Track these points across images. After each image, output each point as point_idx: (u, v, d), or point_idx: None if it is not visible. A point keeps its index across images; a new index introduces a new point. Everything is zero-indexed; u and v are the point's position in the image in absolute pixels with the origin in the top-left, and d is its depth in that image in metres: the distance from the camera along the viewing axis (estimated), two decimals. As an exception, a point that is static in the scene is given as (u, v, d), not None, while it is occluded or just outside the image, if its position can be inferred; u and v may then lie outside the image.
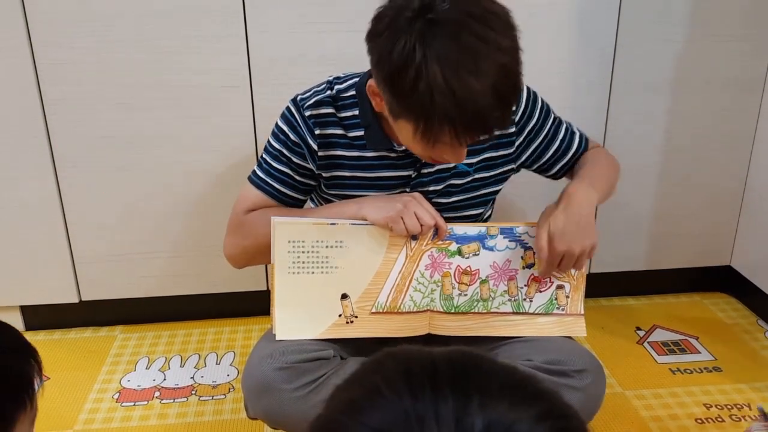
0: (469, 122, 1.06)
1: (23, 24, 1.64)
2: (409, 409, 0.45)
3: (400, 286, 1.25)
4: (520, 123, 1.33)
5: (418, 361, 0.50)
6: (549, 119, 1.37)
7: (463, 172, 1.32)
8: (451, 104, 1.03)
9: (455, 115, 1.04)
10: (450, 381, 0.47)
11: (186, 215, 1.84)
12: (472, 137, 1.10)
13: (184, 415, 1.62)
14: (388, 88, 1.10)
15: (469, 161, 1.31)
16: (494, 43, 1.04)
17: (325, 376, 1.25)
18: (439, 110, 1.04)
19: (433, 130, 1.07)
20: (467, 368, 0.49)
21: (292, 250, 1.23)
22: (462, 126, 1.06)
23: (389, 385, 0.47)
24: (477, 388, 0.46)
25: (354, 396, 0.49)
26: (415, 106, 1.06)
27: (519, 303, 1.30)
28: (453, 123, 1.05)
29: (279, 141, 1.31)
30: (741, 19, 1.81)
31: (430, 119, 1.06)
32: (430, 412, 0.45)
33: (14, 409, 0.80)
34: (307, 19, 1.69)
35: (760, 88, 1.88)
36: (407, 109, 1.08)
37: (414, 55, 1.03)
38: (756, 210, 1.94)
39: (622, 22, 1.77)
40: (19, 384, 0.82)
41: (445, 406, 0.45)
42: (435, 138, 1.09)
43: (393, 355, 0.53)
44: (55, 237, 1.82)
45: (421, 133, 1.09)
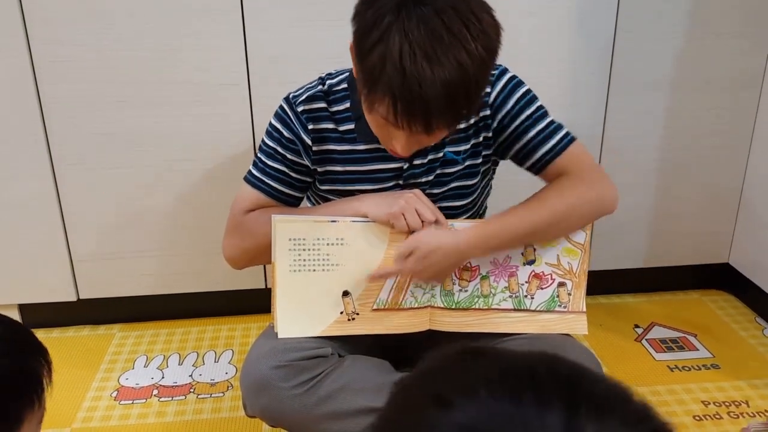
0: (409, 103, 1.04)
1: (20, 22, 1.63)
2: (512, 411, 0.43)
3: (400, 282, 1.25)
4: (494, 105, 1.29)
5: (512, 362, 0.48)
6: (530, 108, 1.30)
7: (452, 161, 1.31)
8: (397, 79, 1.03)
9: (398, 90, 1.03)
10: (554, 387, 0.44)
11: (184, 213, 1.84)
12: (411, 123, 1.07)
13: (182, 413, 1.62)
14: (354, 47, 1.10)
15: (457, 149, 1.30)
16: (464, 41, 1.03)
17: (323, 373, 1.25)
18: (385, 79, 1.04)
19: (375, 97, 1.07)
20: (571, 376, 0.46)
21: (293, 248, 1.23)
22: (402, 104, 1.04)
23: (486, 385, 0.45)
24: (584, 397, 0.44)
25: (440, 391, 0.47)
26: (367, 69, 1.06)
27: (520, 300, 1.30)
28: (393, 96, 1.04)
29: (273, 139, 1.31)
30: (739, 18, 1.81)
31: (375, 85, 1.06)
32: (535, 418, 0.42)
33: (22, 408, 0.80)
34: (306, 17, 1.69)
35: (758, 85, 1.88)
36: (362, 71, 1.09)
37: (383, 22, 1.03)
38: (754, 208, 1.95)
39: (621, 20, 1.78)
40: (28, 383, 0.82)
41: (551, 413, 0.43)
42: (377, 110, 1.09)
43: (481, 353, 0.50)
44: (54, 235, 1.82)
45: (366, 99, 1.10)
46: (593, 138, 1.87)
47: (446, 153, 1.30)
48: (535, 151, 1.30)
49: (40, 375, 0.84)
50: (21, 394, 0.81)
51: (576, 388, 0.45)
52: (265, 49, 1.71)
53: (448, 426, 0.44)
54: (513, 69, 1.37)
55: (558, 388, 0.45)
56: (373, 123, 1.17)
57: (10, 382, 0.80)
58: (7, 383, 0.79)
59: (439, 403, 0.45)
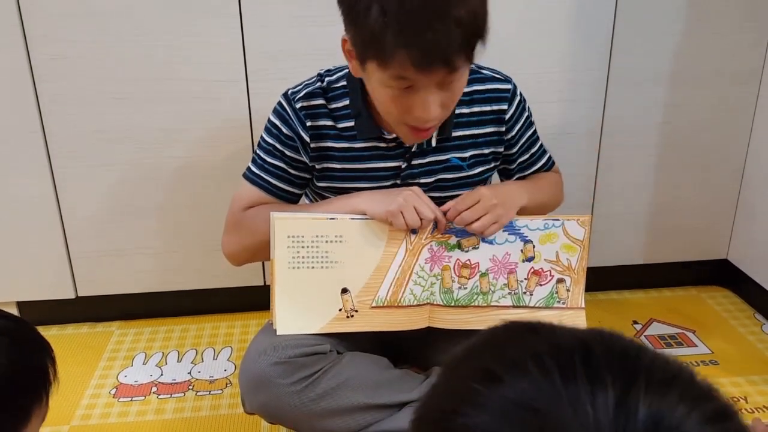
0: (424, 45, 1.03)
1: (18, 19, 1.63)
2: (560, 388, 0.42)
3: (400, 280, 1.25)
4: (509, 123, 1.35)
5: (567, 338, 0.47)
6: (529, 131, 1.40)
7: (455, 166, 1.32)
8: (405, 26, 1.02)
9: (409, 37, 1.02)
10: (608, 364, 0.43)
11: (183, 210, 1.84)
12: (433, 64, 1.06)
13: (181, 411, 1.62)
14: (347, 20, 1.10)
15: (463, 155, 1.32)
16: None
17: (321, 370, 1.25)
18: (392, 32, 1.03)
19: (387, 57, 1.06)
20: (627, 352, 0.45)
21: (292, 245, 1.22)
22: (417, 48, 1.03)
23: (535, 360, 0.44)
24: (640, 375, 0.43)
25: (489, 366, 0.46)
26: (368, 32, 1.05)
27: (519, 296, 1.30)
28: (407, 45, 1.03)
29: (272, 136, 1.31)
30: (738, 12, 1.81)
31: (383, 44, 1.04)
32: (586, 394, 0.41)
33: (31, 403, 0.81)
34: (303, 13, 1.68)
35: (757, 80, 1.88)
36: (364, 38, 1.07)
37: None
38: (753, 204, 1.95)
39: (619, 14, 1.77)
40: (37, 379, 0.82)
41: (603, 390, 0.41)
42: (392, 70, 1.07)
43: (532, 329, 0.49)
44: (52, 232, 1.81)
45: (378, 68, 1.08)
46: (592, 133, 1.87)
47: (452, 159, 1.31)
48: (523, 172, 1.44)
49: (47, 371, 0.84)
50: (31, 390, 0.82)
51: (632, 364, 0.44)
52: (263, 46, 1.70)
53: (496, 401, 0.44)
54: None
55: (612, 364, 0.43)
56: (386, 99, 1.14)
57: (22, 378, 0.81)
58: (20, 379, 0.80)
59: (488, 377, 0.45)
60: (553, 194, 1.45)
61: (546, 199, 1.40)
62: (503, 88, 1.33)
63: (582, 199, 1.92)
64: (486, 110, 1.33)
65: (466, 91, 1.29)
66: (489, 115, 1.33)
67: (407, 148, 1.29)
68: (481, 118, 1.33)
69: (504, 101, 1.33)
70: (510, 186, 1.37)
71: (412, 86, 1.10)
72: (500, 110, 1.33)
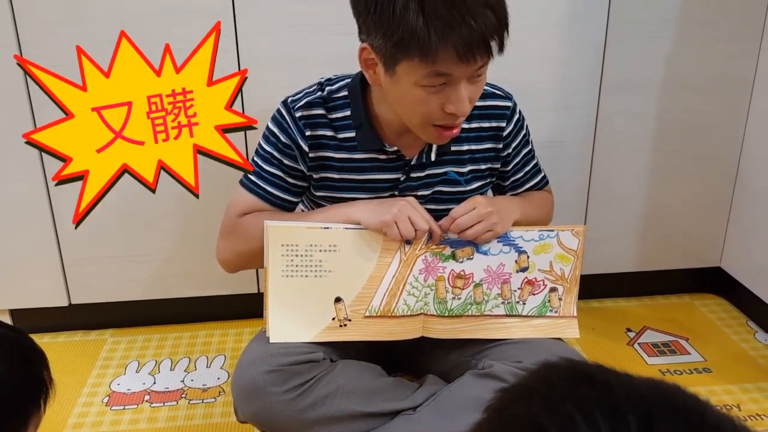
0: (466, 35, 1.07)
1: (11, 25, 1.63)
2: None
3: (393, 290, 1.25)
4: (506, 140, 1.36)
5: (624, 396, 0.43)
6: (525, 148, 1.42)
7: (453, 180, 1.32)
8: (446, 21, 1.05)
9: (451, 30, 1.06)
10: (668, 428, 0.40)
11: (176, 218, 1.83)
12: (477, 53, 1.09)
13: (174, 419, 1.61)
14: (377, 26, 1.11)
15: (461, 170, 1.32)
16: None
17: (315, 378, 1.25)
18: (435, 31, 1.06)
19: (431, 52, 1.08)
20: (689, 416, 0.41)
21: (286, 253, 1.22)
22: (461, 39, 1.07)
23: (588, 421, 0.41)
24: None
25: (538, 419, 0.43)
26: (408, 34, 1.07)
27: (512, 305, 1.31)
28: (452, 38, 1.06)
29: (270, 143, 1.31)
30: (731, 20, 1.81)
31: (427, 42, 1.07)
32: None
33: (31, 410, 0.81)
34: (299, 20, 1.68)
35: (749, 88, 1.88)
36: (400, 40, 1.09)
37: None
38: (746, 212, 1.95)
39: (612, 21, 1.78)
40: (35, 387, 0.83)
41: None
42: (438, 63, 1.09)
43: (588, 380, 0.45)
44: (45, 240, 1.81)
45: (421, 65, 1.10)
46: (585, 140, 1.87)
47: (449, 173, 1.31)
48: (516, 189, 1.45)
49: (44, 378, 0.85)
50: (30, 398, 0.82)
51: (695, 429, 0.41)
52: (257, 52, 1.70)
53: None
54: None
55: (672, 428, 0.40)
56: (416, 100, 1.16)
57: (21, 386, 0.81)
58: (19, 387, 0.81)
59: None
60: (542, 213, 1.46)
61: (536, 217, 1.41)
62: (503, 105, 1.34)
63: (575, 206, 1.93)
64: (485, 126, 1.33)
65: None
66: (488, 131, 1.34)
67: (407, 160, 1.30)
68: (479, 134, 1.33)
69: (503, 118, 1.34)
70: (504, 199, 1.39)
71: (447, 82, 1.13)
72: (499, 127, 1.34)
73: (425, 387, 1.34)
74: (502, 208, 1.28)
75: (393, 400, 1.29)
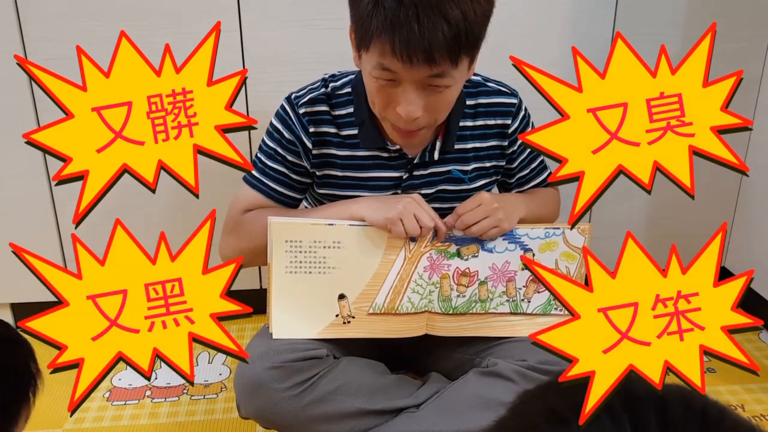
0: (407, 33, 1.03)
1: (15, 20, 1.62)
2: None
3: (398, 287, 1.25)
4: (511, 138, 1.34)
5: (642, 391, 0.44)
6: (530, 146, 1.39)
7: (456, 178, 1.32)
8: (392, 12, 1.03)
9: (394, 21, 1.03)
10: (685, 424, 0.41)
11: (179, 214, 1.83)
12: (411, 55, 1.05)
13: (175, 415, 1.61)
14: (350, 6, 1.12)
15: (465, 168, 1.32)
16: None
17: (317, 375, 1.24)
18: (379, 18, 1.04)
19: (372, 42, 1.07)
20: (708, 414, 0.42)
21: (290, 249, 1.22)
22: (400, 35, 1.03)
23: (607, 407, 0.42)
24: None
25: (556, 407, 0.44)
26: (358, 15, 1.08)
27: (517, 303, 1.30)
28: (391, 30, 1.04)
29: (274, 140, 1.30)
30: (738, 21, 1.81)
31: (369, 30, 1.06)
32: None
33: (20, 404, 0.80)
34: (303, 16, 1.68)
35: (756, 88, 1.88)
36: (357, 22, 1.09)
37: None
38: (750, 212, 1.95)
39: (618, 22, 1.77)
40: (24, 379, 0.82)
41: None
42: (375, 57, 1.08)
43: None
44: (47, 234, 1.80)
45: (367, 51, 1.09)
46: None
47: (453, 171, 1.31)
48: (521, 186, 1.44)
49: (32, 370, 0.84)
50: (19, 391, 0.81)
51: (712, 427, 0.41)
52: (261, 48, 1.70)
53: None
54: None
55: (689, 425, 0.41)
56: (372, 90, 1.15)
57: (9, 379, 0.81)
58: (8, 380, 0.80)
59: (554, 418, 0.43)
60: (550, 210, 1.45)
61: (542, 214, 1.40)
62: (509, 102, 1.33)
63: (579, 205, 1.92)
64: (490, 124, 1.32)
65: (471, 104, 1.29)
66: (493, 128, 1.33)
67: (410, 158, 1.29)
68: (485, 131, 1.32)
69: (509, 116, 1.33)
70: (509, 196, 1.38)
71: (395, 80, 1.11)
72: (504, 124, 1.33)
73: (428, 385, 1.33)
74: (508, 204, 1.27)
75: (396, 398, 1.29)
